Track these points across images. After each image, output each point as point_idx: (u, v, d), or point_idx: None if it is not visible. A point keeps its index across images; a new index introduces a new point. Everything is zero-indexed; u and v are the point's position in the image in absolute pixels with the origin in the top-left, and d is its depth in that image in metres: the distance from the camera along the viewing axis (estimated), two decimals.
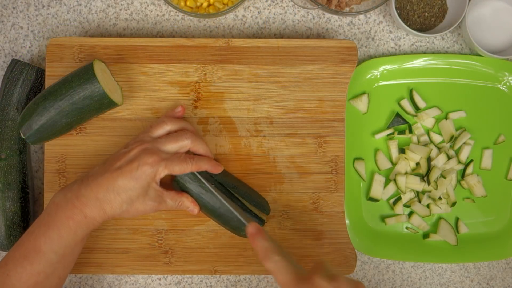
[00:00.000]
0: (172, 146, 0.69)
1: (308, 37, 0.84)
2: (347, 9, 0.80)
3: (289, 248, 0.78)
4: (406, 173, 0.81)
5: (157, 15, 0.83)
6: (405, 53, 0.84)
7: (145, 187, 0.66)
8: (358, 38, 0.84)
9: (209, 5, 0.78)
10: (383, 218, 0.82)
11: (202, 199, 0.72)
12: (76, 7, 0.83)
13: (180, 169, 0.68)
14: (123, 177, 0.65)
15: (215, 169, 0.72)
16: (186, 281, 0.83)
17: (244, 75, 0.78)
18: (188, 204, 0.71)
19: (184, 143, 0.69)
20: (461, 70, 0.82)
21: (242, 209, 0.72)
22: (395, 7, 0.81)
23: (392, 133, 0.82)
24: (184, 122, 0.74)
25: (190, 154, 0.71)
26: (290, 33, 0.84)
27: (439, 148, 0.82)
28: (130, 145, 0.69)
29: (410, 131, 0.81)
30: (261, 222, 0.73)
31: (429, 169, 0.80)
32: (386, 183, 0.82)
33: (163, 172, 0.67)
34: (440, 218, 0.82)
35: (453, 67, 0.82)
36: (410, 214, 0.82)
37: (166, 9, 0.83)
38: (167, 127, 0.71)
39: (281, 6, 0.83)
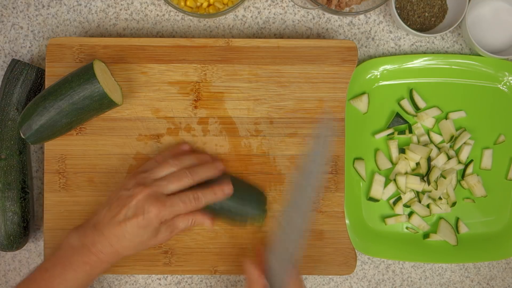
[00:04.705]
0: (174, 186, 0.69)
1: (308, 37, 0.84)
2: (347, 9, 0.80)
3: None
4: (406, 173, 0.81)
5: (157, 15, 0.83)
6: (405, 53, 0.84)
7: (154, 230, 0.68)
8: (358, 38, 0.84)
9: (209, 5, 0.78)
10: (383, 218, 0.82)
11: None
12: (76, 7, 0.83)
13: (184, 211, 0.69)
14: (131, 227, 0.67)
15: (220, 198, 0.71)
16: (186, 281, 0.83)
17: (244, 75, 0.78)
18: (201, 219, 0.71)
19: (186, 183, 0.70)
20: (461, 70, 0.82)
21: (242, 205, 0.72)
22: (395, 7, 0.81)
23: (392, 133, 0.82)
24: (188, 158, 0.73)
25: (193, 191, 0.70)
26: (290, 33, 0.84)
27: (439, 148, 0.82)
28: (132, 187, 0.69)
29: (410, 131, 0.81)
30: (263, 213, 0.73)
31: (429, 169, 0.80)
32: (386, 183, 0.82)
33: (168, 216, 0.68)
34: (440, 218, 0.82)
35: (453, 67, 0.82)
36: (410, 214, 0.82)
37: (166, 9, 0.83)
38: (173, 169, 0.71)
39: (281, 6, 0.83)
